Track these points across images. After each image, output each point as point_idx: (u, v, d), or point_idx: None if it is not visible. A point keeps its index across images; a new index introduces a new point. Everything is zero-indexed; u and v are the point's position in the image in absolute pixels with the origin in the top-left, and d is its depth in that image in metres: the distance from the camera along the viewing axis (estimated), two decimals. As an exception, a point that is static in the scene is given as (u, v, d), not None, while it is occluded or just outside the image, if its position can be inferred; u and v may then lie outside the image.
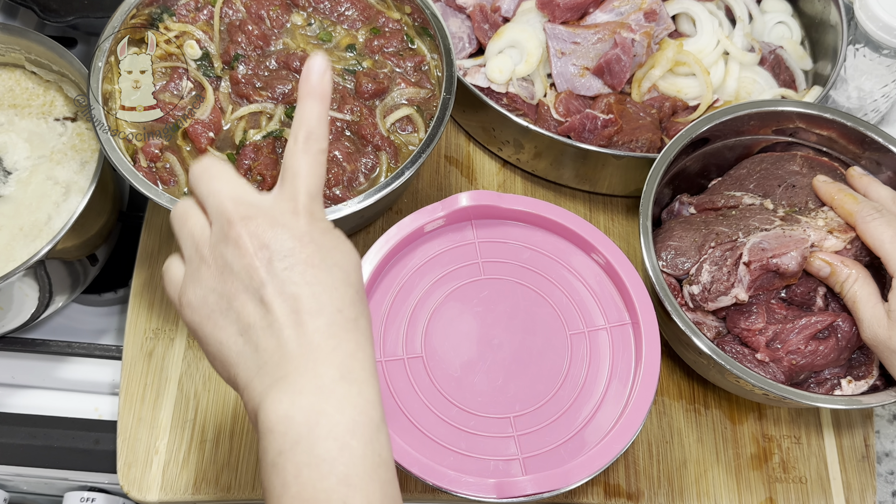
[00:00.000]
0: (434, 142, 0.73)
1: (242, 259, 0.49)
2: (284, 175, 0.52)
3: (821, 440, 0.80)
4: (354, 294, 0.50)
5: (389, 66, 0.80)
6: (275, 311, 0.48)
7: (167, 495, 0.74)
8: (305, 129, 0.52)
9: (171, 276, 0.53)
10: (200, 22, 0.80)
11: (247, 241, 0.49)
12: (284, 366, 0.47)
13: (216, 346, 0.50)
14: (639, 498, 0.76)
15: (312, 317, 0.48)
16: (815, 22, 0.94)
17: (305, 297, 0.48)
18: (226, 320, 0.49)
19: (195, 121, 0.76)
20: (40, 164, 0.80)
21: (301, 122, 0.52)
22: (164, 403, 0.77)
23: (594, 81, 0.86)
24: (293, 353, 0.47)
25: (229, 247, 0.49)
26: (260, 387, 0.48)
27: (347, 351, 0.48)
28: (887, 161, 0.77)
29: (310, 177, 0.52)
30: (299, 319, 0.48)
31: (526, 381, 0.67)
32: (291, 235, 0.49)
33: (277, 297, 0.48)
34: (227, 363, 0.50)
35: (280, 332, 0.48)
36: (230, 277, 0.49)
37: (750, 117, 0.78)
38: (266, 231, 0.49)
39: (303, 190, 0.51)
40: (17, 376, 0.87)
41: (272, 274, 0.48)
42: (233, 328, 0.49)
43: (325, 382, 0.47)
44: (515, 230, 0.74)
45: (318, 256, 0.49)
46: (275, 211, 0.50)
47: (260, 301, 0.48)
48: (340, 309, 0.49)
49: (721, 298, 0.70)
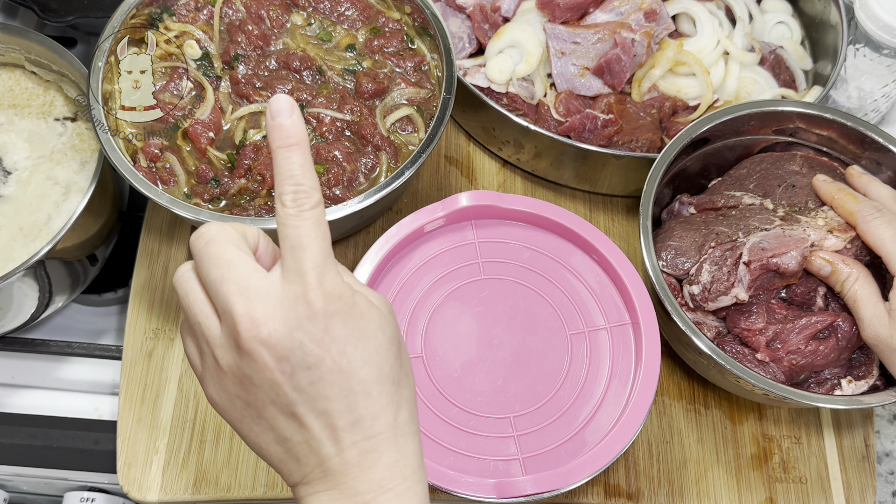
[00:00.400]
0: (434, 142, 0.73)
1: (263, 374, 0.45)
2: (283, 248, 0.45)
3: (821, 440, 0.80)
4: (391, 387, 0.46)
5: (389, 66, 0.79)
6: (310, 429, 0.45)
7: (167, 495, 0.74)
8: (292, 187, 0.45)
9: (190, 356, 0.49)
10: (200, 22, 0.80)
11: (264, 356, 0.44)
12: (327, 481, 0.46)
13: (255, 447, 0.48)
14: (639, 498, 0.76)
15: (348, 432, 0.45)
16: (816, 22, 0.94)
17: (338, 412, 0.45)
18: (259, 427, 0.47)
19: (195, 121, 0.75)
20: (40, 164, 0.80)
21: (284, 180, 0.45)
22: (163, 403, 0.77)
23: (594, 81, 0.86)
24: (334, 471, 0.46)
25: (244, 359, 0.45)
26: (304, 492, 0.47)
27: (387, 462, 0.46)
28: (887, 161, 0.77)
29: (312, 244, 0.45)
30: (335, 436, 0.45)
31: (526, 381, 0.67)
32: (310, 339, 0.44)
33: (309, 413, 0.45)
34: (271, 463, 0.48)
35: (318, 449, 0.46)
36: (253, 388, 0.45)
37: (750, 117, 0.78)
38: (282, 339, 0.44)
39: (308, 264, 0.44)
40: (17, 376, 0.87)
41: (299, 390, 0.45)
42: (269, 436, 0.47)
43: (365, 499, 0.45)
44: (515, 230, 0.74)
45: (345, 360, 0.45)
46: (286, 306, 0.44)
47: (292, 416, 0.45)
48: (377, 415, 0.46)
49: (721, 298, 0.70)
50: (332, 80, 0.78)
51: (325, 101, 0.76)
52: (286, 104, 0.46)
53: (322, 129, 0.76)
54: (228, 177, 0.74)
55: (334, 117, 0.76)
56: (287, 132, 0.45)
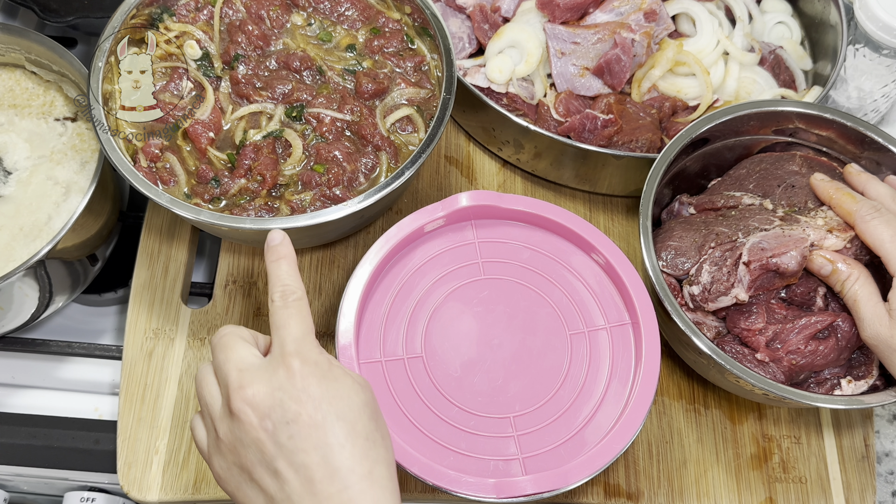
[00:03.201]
0: (434, 142, 0.73)
1: (248, 434, 0.51)
2: (272, 331, 0.55)
3: (821, 440, 0.80)
4: (364, 443, 0.52)
5: (389, 66, 0.80)
6: (290, 484, 0.50)
7: (167, 495, 0.74)
8: (280, 288, 0.57)
9: (198, 441, 0.57)
10: (200, 22, 0.80)
11: (249, 415, 0.51)
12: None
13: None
14: (639, 498, 0.76)
15: (325, 484, 0.50)
16: (815, 22, 0.94)
17: (315, 464, 0.50)
18: (252, 491, 0.52)
19: (195, 121, 0.76)
20: (40, 164, 0.80)
21: (275, 283, 0.57)
22: (164, 403, 0.77)
23: (594, 81, 0.86)
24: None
25: (234, 422, 0.52)
26: None
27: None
28: (887, 161, 0.77)
29: (292, 325, 0.55)
30: (313, 489, 0.50)
31: (526, 381, 0.67)
32: (289, 396, 0.51)
33: (289, 468, 0.50)
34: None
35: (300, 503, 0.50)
36: (243, 451, 0.52)
37: (750, 117, 0.78)
38: (264, 398, 0.51)
39: (289, 339, 0.54)
40: (17, 376, 0.87)
41: (279, 445, 0.51)
42: (260, 499, 0.52)
43: None
44: (515, 230, 0.74)
45: (320, 415, 0.51)
46: (269, 371, 0.53)
47: (275, 474, 0.51)
48: (352, 468, 0.50)
49: (721, 298, 0.70)
50: (332, 80, 0.78)
51: (325, 101, 0.76)
52: (278, 235, 0.60)
53: (322, 129, 0.76)
54: (228, 177, 0.74)
55: (334, 117, 0.76)
56: (278, 251, 0.59)
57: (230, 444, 0.53)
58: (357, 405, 0.53)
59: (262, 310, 0.82)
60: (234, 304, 0.82)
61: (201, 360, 0.79)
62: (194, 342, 0.80)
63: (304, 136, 0.76)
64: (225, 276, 0.83)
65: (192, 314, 0.81)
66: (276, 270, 0.58)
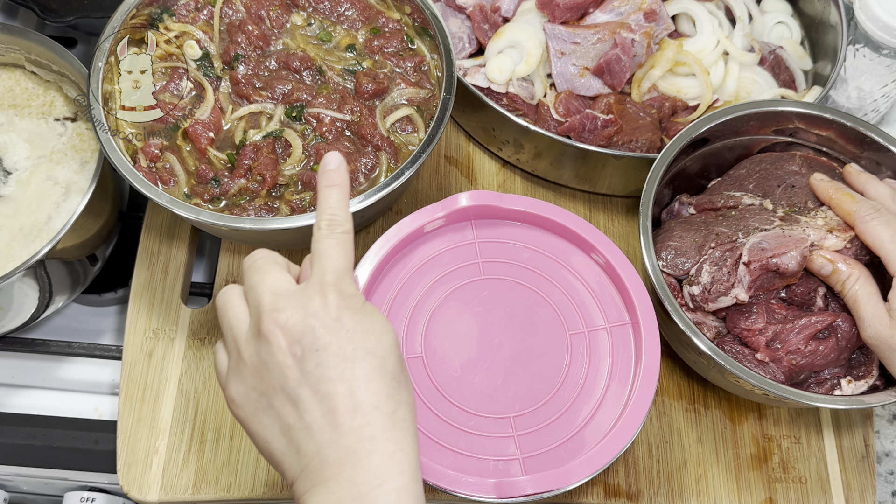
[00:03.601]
0: (434, 142, 0.73)
1: (275, 357, 0.49)
2: (312, 259, 0.53)
3: (821, 440, 0.80)
4: (391, 382, 0.50)
5: (389, 66, 0.80)
6: (310, 413, 0.48)
7: (167, 495, 0.74)
8: (328, 215, 0.54)
9: (219, 366, 0.54)
10: (200, 22, 0.80)
11: (279, 338, 0.49)
12: (324, 471, 0.48)
13: (263, 444, 0.51)
14: (639, 498, 0.76)
15: (348, 417, 0.48)
16: (815, 22, 0.94)
17: (340, 395, 0.48)
18: (268, 419, 0.50)
19: (195, 121, 0.76)
20: (40, 164, 0.80)
21: (323, 210, 0.54)
22: (163, 403, 0.77)
23: (594, 81, 0.86)
24: (331, 459, 0.48)
25: (262, 344, 0.50)
26: (303, 488, 0.49)
27: (385, 454, 0.48)
28: (887, 161, 0.77)
29: (335, 256, 0.53)
30: (335, 421, 0.48)
31: (526, 381, 0.67)
32: (321, 325, 0.50)
33: (312, 397, 0.49)
34: (274, 460, 0.51)
35: (318, 435, 0.48)
36: (267, 375, 0.50)
37: (750, 117, 0.78)
38: (297, 324, 0.50)
39: (329, 269, 0.52)
40: (17, 376, 0.87)
41: (305, 372, 0.49)
42: (276, 427, 0.50)
43: (362, 491, 0.47)
44: (515, 230, 0.74)
45: (350, 346, 0.49)
46: (305, 297, 0.51)
47: (296, 402, 0.49)
48: (376, 405, 0.49)
49: (721, 299, 0.70)
50: (332, 81, 0.78)
51: (325, 102, 0.76)
52: (336, 158, 0.57)
53: (322, 129, 0.76)
54: (228, 177, 0.74)
55: (334, 117, 0.76)
56: (332, 177, 0.56)
57: (254, 366, 0.50)
58: (387, 344, 0.51)
59: (262, 310, 0.82)
60: (234, 304, 0.82)
61: (201, 360, 0.79)
62: (194, 342, 0.80)
63: (304, 136, 0.76)
64: (225, 276, 0.83)
65: (192, 314, 0.81)
66: (326, 197, 0.55)
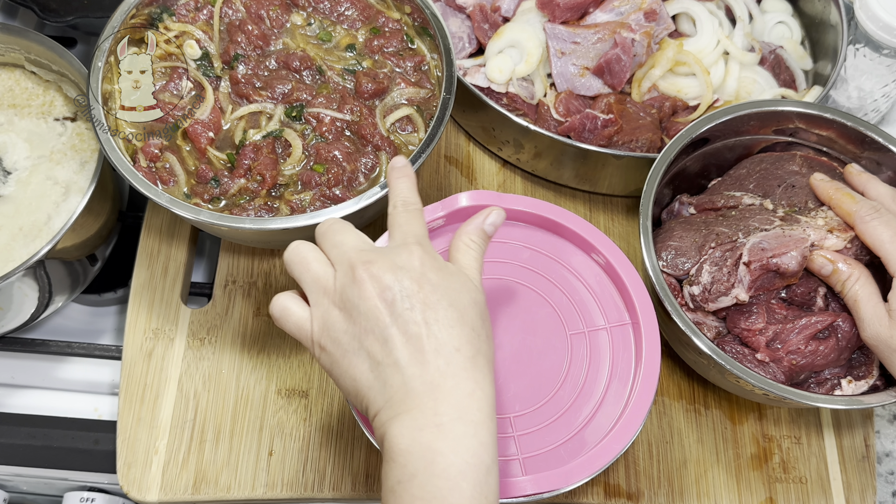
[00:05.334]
0: (434, 142, 0.72)
1: (368, 301, 0.53)
2: (391, 230, 0.59)
3: (821, 440, 0.80)
4: (471, 331, 0.54)
5: (389, 65, 0.79)
6: (399, 350, 0.52)
7: (167, 495, 0.74)
8: (402, 198, 0.60)
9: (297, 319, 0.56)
10: (200, 22, 0.80)
11: (371, 285, 0.53)
12: (408, 402, 0.51)
13: (350, 382, 0.54)
14: (639, 498, 0.76)
15: (433, 356, 0.52)
16: (816, 22, 0.94)
17: (425, 336, 0.52)
18: (358, 358, 0.53)
19: (195, 121, 0.75)
20: (40, 164, 0.80)
21: (396, 195, 0.60)
22: (163, 403, 0.77)
23: (594, 81, 0.86)
24: (417, 391, 0.51)
25: (355, 289, 0.53)
26: (386, 417, 0.52)
27: (465, 390, 0.52)
28: (887, 161, 0.77)
29: (414, 224, 0.58)
30: (422, 358, 0.52)
31: (526, 381, 0.67)
32: (410, 276, 0.54)
33: (401, 336, 0.52)
34: (360, 395, 0.54)
35: (405, 370, 0.52)
36: (359, 318, 0.53)
37: (750, 117, 0.78)
38: (387, 273, 0.53)
39: (410, 233, 0.57)
40: (17, 376, 0.86)
41: (395, 315, 0.53)
42: (365, 365, 0.53)
43: (443, 421, 0.50)
44: (515, 230, 0.74)
45: (435, 296, 0.54)
46: (391, 254, 0.55)
47: (386, 341, 0.52)
48: (458, 347, 0.53)
49: (721, 299, 0.70)
50: (331, 80, 0.78)
51: (324, 101, 0.76)
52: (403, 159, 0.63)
53: (322, 129, 0.76)
54: (228, 177, 0.74)
55: (334, 117, 0.76)
56: (401, 171, 0.62)
57: (346, 310, 0.54)
58: (467, 300, 0.55)
59: (262, 310, 0.82)
60: (234, 304, 0.82)
61: (201, 360, 0.79)
62: (194, 342, 0.80)
63: (304, 136, 0.76)
64: (225, 276, 0.83)
65: (192, 314, 0.81)
66: (397, 185, 0.61)
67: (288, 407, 0.78)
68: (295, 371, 0.79)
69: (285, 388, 0.78)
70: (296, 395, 0.78)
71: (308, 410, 0.78)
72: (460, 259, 0.59)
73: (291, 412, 0.78)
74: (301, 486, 0.75)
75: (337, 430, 0.77)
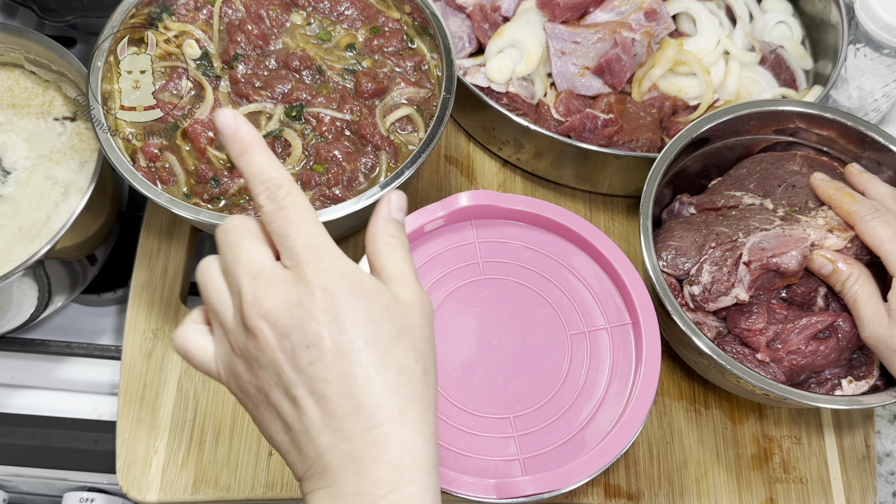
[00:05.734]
0: (434, 141, 0.72)
1: (265, 354, 0.45)
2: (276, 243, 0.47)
3: (821, 440, 0.80)
4: (397, 376, 0.44)
5: (389, 65, 0.79)
6: (308, 415, 0.44)
7: (166, 495, 0.74)
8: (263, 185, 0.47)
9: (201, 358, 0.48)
10: (200, 21, 0.80)
11: (266, 333, 0.44)
12: (326, 477, 0.44)
13: (268, 437, 0.47)
14: (639, 498, 0.76)
15: (348, 420, 0.43)
16: (816, 21, 0.94)
17: (337, 396, 0.43)
18: (270, 415, 0.46)
19: (195, 120, 0.75)
20: (39, 164, 0.80)
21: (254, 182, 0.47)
22: (163, 403, 0.77)
23: (594, 81, 0.86)
24: (333, 465, 0.44)
25: (249, 340, 0.45)
26: (307, 488, 0.46)
27: (390, 460, 0.44)
28: (888, 161, 0.76)
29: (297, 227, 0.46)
30: (335, 425, 0.44)
31: (526, 382, 0.67)
32: (310, 316, 0.44)
33: (308, 397, 0.44)
34: (280, 453, 0.47)
35: (317, 439, 0.44)
36: (260, 371, 0.45)
37: (750, 117, 0.78)
38: (281, 316, 0.44)
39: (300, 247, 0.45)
40: (17, 376, 0.86)
41: (299, 371, 0.44)
42: (277, 424, 0.46)
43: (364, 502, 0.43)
44: (515, 230, 0.74)
45: (345, 339, 0.44)
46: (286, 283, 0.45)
47: (294, 401, 0.44)
48: (379, 405, 0.44)
49: (721, 299, 0.70)
50: (331, 80, 0.78)
51: (324, 101, 0.76)
52: (226, 118, 0.47)
53: (322, 128, 0.76)
54: (228, 176, 0.74)
55: (334, 117, 0.76)
56: (240, 141, 0.47)
57: (246, 360, 0.46)
58: (391, 329, 0.45)
59: (262, 310, 0.82)
60: (234, 304, 0.82)
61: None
62: (194, 342, 0.80)
63: (304, 136, 0.76)
64: (224, 276, 0.83)
65: (192, 314, 0.81)
66: (246, 165, 0.47)
67: (288, 407, 0.78)
68: (295, 371, 0.79)
69: (285, 388, 0.78)
70: (295, 396, 0.78)
71: (308, 410, 0.78)
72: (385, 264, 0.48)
73: (291, 412, 0.77)
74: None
75: (337, 431, 0.77)
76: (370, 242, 0.49)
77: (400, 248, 0.48)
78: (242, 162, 0.47)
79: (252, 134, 0.47)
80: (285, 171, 0.47)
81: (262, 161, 0.47)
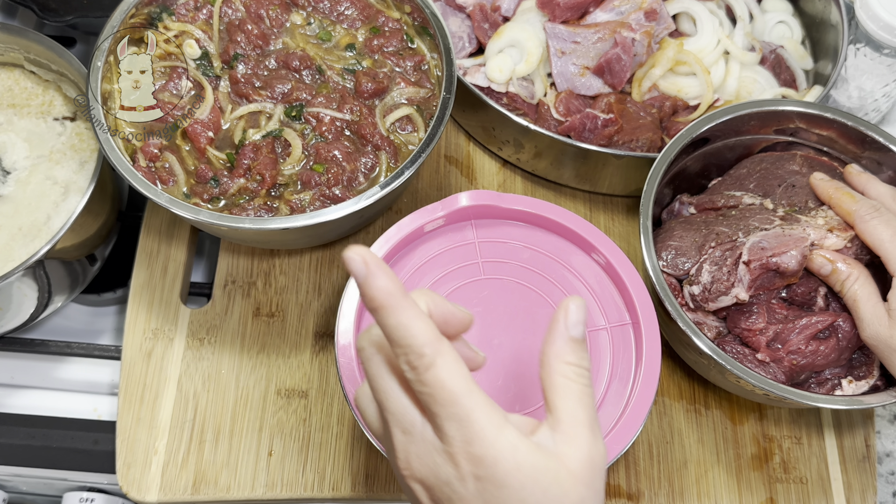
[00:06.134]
0: (434, 141, 0.72)
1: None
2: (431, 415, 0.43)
3: (821, 440, 0.80)
4: None
5: (389, 65, 0.79)
6: None
7: (166, 495, 0.74)
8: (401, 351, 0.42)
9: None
10: (200, 21, 0.80)
11: (421, 494, 0.43)
12: None
13: None
14: (639, 498, 0.76)
15: None
16: (816, 21, 0.94)
17: None
18: None
19: (194, 120, 0.75)
20: (39, 164, 0.80)
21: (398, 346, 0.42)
22: (163, 403, 0.77)
23: (594, 81, 0.86)
24: None
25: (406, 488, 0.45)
26: None
27: None
28: (888, 160, 0.76)
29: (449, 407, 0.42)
30: None
31: (526, 382, 0.67)
32: (459, 497, 0.42)
33: None
34: None
35: None
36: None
37: (750, 117, 0.78)
38: (433, 486, 0.43)
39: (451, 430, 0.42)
40: (16, 376, 0.86)
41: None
42: None
43: None
44: (515, 230, 0.74)
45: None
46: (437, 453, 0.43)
47: None
48: None
49: (721, 298, 0.70)
50: (331, 80, 0.78)
51: (324, 101, 0.76)
52: (357, 262, 0.41)
53: (322, 128, 0.76)
54: (228, 176, 0.74)
55: (334, 117, 0.76)
56: (374, 293, 0.42)
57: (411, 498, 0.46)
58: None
59: (261, 310, 0.82)
60: (234, 304, 0.82)
61: (201, 360, 0.79)
62: (193, 342, 0.80)
63: (304, 136, 0.76)
64: (224, 276, 0.83)
65: (192, 314, 0.81)
66: (387, 327, 0.42)
67: (287, 407, 0.78)
68: (294, 371, 0.79)
69: (285, 388, 0.78)
70: (295, 396, 0.78)
71: (308, 411, 0.78)
72: (557, 405, 0.43)
73: (291, 412, 0.77)
74: (301, 486, 0.75)
75: (337, 431, 0.77)
76: (544, 367, 0.45)
77: (577, 384, 0.44)
78: (383, 320, 0.42)
79: (386, 291, 0.41)
80: (432, 328, 0.41)
81: (396, 325, 0.41)
